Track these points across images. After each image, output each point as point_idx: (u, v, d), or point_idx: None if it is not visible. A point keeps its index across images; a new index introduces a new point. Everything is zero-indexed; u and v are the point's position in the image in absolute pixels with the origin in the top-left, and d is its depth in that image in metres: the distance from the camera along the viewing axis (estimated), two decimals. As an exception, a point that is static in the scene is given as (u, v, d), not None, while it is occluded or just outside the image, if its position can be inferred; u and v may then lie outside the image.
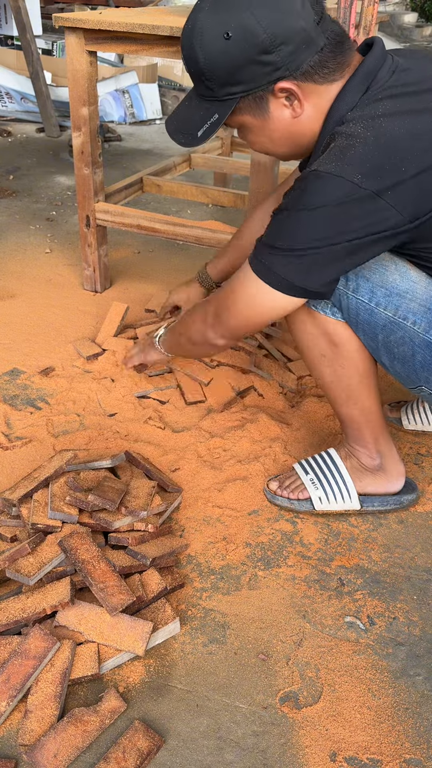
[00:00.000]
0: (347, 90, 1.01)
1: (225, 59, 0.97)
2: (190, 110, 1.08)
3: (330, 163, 0.96)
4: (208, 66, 0.99)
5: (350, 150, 0.95)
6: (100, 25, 1.63)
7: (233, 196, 2.30)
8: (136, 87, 4.44)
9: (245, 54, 0.96)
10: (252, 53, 0.96)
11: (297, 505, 1.32)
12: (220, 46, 0.96)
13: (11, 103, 4.26)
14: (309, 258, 1.00)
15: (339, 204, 0.95)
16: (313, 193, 0.97)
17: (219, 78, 1.00)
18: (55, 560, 1.08)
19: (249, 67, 0.97)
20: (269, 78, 0.99)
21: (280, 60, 0.97)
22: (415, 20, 9.49)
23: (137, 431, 1.52)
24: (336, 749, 0.94)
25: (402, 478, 1.33)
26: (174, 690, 1.01)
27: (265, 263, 1.04)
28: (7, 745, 0.92)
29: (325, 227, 0.97)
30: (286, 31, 0.95)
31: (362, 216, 0.95)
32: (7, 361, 1.77)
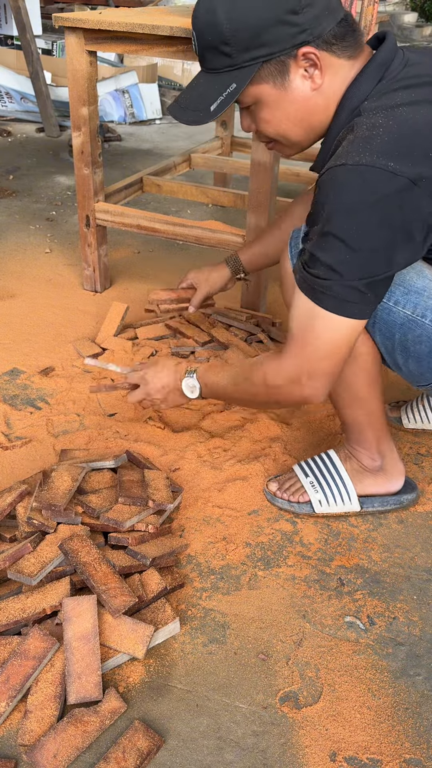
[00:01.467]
0: (361, 78, 0.99)
1: (251, 17, 0.93)
2: (199, 88, 1.03)
3: (357, 154, 0.91)
4: (233, 27, 0.94)
5: (374, 140, 0.91)
6: (100, 25, 1.63)
7: (233, 196, 2.30)
8: (136, 87, 4.44)
9: (274, 12, 0.92)
10: (280, 12, 0.93)
11: (297, 507, 1.32)
12: (247, 5, 0.93)
13: (11, 102, 4.26)
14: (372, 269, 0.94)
15: (380, 198, 0.90)
16: (350, 190, 0.91)
17: (242, 41, 0.95)
18: (56, 560, 1.08)
19: (276, 27, 0.93)
20: (294, 41, 0.95)
21: (306, 22, 0.94)
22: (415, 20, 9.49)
23: (137, 431, 1.52)
24: (336, 749, 0.94)
25: (402, 477, 1.33)
26: (174, 690, 1.01)
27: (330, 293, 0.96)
28: (7, 745, 0.92)
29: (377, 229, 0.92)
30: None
31: (404, 205, 0.91)
32: (7, 361, 1.77)
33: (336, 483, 1.30)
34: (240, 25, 0.94)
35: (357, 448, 1.29)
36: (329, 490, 1.30)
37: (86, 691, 0.94)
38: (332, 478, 1.30)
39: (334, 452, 1.33)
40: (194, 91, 1.03)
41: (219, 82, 1.00)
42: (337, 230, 0.93)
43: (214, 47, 0.98)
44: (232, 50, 0.97)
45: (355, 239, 0.93)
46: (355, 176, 0.90)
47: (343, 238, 0.93)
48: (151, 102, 4.52)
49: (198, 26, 0.98)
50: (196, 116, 1.02)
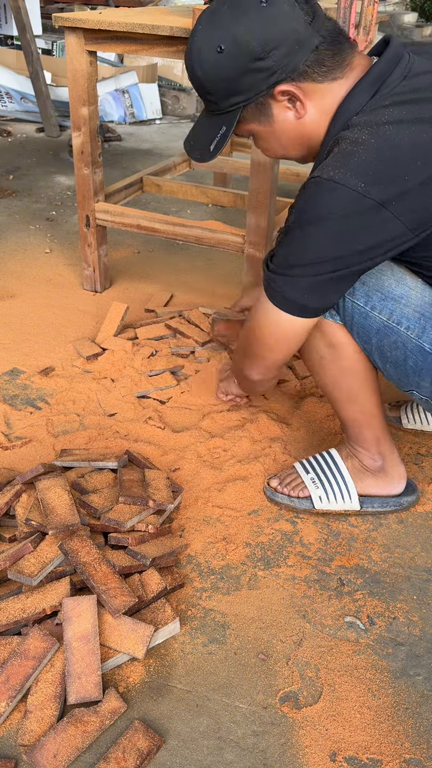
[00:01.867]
0: (355, 92, 1.00)
1: (221, 72, 1.01)
2: (201, 127, 1.12)
3: (333, 169, 0.95)
4: (208, 81, 1.03)
5: (353, 156, 0.94)
6: (100, 25, 1.63)
7: (233, 196, 2.30)
8: (135, 87, 4.44)
9: (239, 64, 0.99)
10: (245, 62, 0.98)
11: (297, 503, 1.32)
12: (215, 61, 1.00)
13: (11, 102, 4.26)
14: (319, 277, 1.00)
15: (344, 215, 0.94)
16: (317, 204, 0.96)
17: (220, 91, 1.03)
18: (56, 560, 1.08)
19: (245, 75, 1.00)
20: (267, 83, 1.00)
21: (275, 64, 0.98)
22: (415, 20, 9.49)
23: (137, 431, 1.52)
24: (336, 749, 0.94)
25: (403, 480, 1.33)
26: (174, 690, 1.01)
27: (279, 290, 1.04)
28: (6, 745, 0.92)
29: (332, 241, 0.97)
30: (276, 35, 0.96)
31: (368, 228, 0.95)
32: (7, 361, 1.77)
33: (337, 480, 1.30)
34: (214, 78, 1.02)
35: (357, 447, 1.29)
36: (330, 487, 1.30)
37: (86, 691, 0.94)
38: (333, 476, 1.31)
39: (336, 451, 1.33)
40: (197, 130, 1.13)
41: (213, 125, 1.09)
42: (298, 234, 0.99)
43: (202, 95, 1.07)
44: (215, 98, 1.05)
45: (311, 245, 0.98)
46: (325, 190, 0.95)
47: (301, 242, 0.99)
48: (151, 102, 4.52)
49: (189, 77, 1.07)
50: (202, 154, 1.12)
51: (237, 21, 0.97)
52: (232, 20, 0.97)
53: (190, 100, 4.69)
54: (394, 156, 0.93)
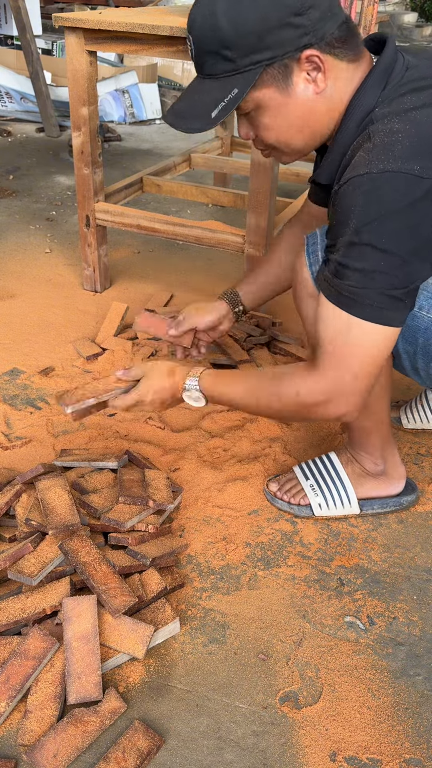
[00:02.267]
0: (367, 85, 0.98)
1: (255, 20, 0.90)
2: (197, 94, 0.98)
3: (380, 162, 0.90)
4: (235, 31, 0.91)
5: (396, 145, 0.90)
6: (100, 25, 1.63)
7: (233, 196, 2.30)
8: (136, 87, 4.44)
9: (277, 14, 0.90)
10: (284, 14, 0.90)
11: (297, 510, 1.32)
12: (250, 6, 0.89)
13: (11, 102, 4.26)
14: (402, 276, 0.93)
15: (411, 202, 0.88)
16: (379, 199, 0.89)
17: (245, 45, 0.92)
18: (56, 560, 1.08)
19: (280, 30, 0.90)
20: (298, 43, 0.92)
21: (310, 24, 0.92)
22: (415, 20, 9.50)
23: (137, 431, 1.52)
24: (336, 749, 0.94)
25: (402, 480, 1.33)
26: (174, 690, 1.01)
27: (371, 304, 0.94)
28: (6, 745, 0.92)
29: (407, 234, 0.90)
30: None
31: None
32: (7, 361, 1.77)
33: (336, 486, 1.30)
34: (242, 28, 0.90)
35: (361, 453, 1.29)
36: (329, 494, 1.30)
37: (86, 691, 0.94)
38: (332, 482, 1.30)
39: (335, 455, 1.33)
40: (192, 98, 0.99)
41: (219, 88, 0.96)
42: (369, 239, 0.91)
43: (215, 52, 0.94)
44: (234, 54, 0.93)
45: (390, 246, 0.90)
46: (383, 183, 0.89)
47: (377, 245, 0.91)
48: (151, 102, 4.52)
49: (196, 31, 0.94)
50: (196, 123, 0.98)
51: None
52: None
53: (190, 100, 4.68)
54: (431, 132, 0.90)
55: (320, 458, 1.34)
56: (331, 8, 0.94)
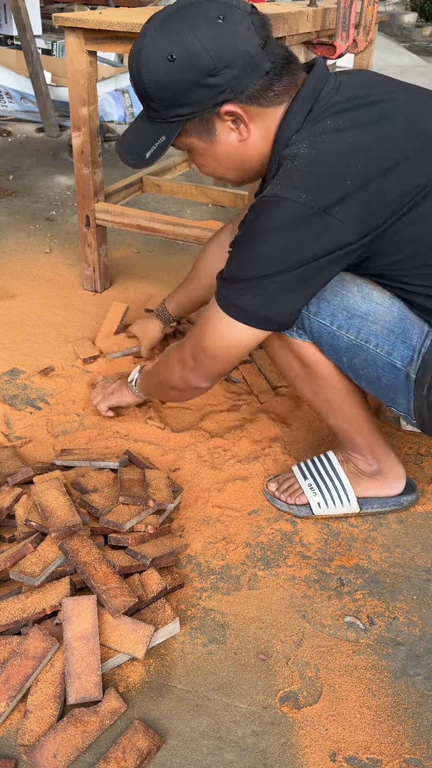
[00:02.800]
0: (291, 112, 1.01)
1: (169, 82, 0.97)
2: (138, 132, 1.07)
3: (277, 187, 0.96)
4: (154, 89, 0.99)
5: (295, 171, 0.96)
6: (100, 25, 1.63)
7: (233, 196, 2.30)
8: (136, 87, 4.44)
9: (189, 76, 0.96)
10: (196, 76, 0.96)
11: (296, 510, 1.32)
12: (165, 69, 0.96)
13: (11, 102, 4.26)
14: (269, 287, 1.00)
15: (289, 226, 0.96)
16: (263, 219, 0.98)
17: (165, 100, 1.00)
18: (58, 560, 1.08)
19: (194, 89, 0.97)
20: (214, 101, 0.99)
21: (225, 83, 0.97)
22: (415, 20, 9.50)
23: (137, 431, 1.52)
24: (336, 749, 0.94)
25: (402, 480, 1.32)
26: (174, 690, 1.01)
27: (229, 298, 1.04)
28: (6, 745, 0.92)
29: (280, 252, 0.97)
30: (230, 54, 0.95)
31: (314, 236, 0.96)
32: (7, 361, 1.77)
33: (335, 485, 1.30)
34: (161, 87, 0.98)
35: (351, 453, 1.29)
36: (328, 493, 1.30)
37: (86, 691, 0.94)
38: (331, 480, 1.30)
39: (333, 453, 1.33)
40: (134, 134, 1.09)
41: (152, 132, 1.05)
42: (247, 247, 1.00)
43: (144, 100, 1.03)
44: (158, 106, 1.01)
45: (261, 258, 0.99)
46: (271, 206, 0.97)
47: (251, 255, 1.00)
48: (151, 102, 4.51)
49: (131, 79, 1.03)
50: (135, 160, 1.08)
51: (193, 32, 0.94)
52: (188, 30, 0.94)
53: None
54: (333, 163, 0.94)
55: (318, 457, 1.34)
56: (250, 63, 0.97)
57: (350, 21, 1.67)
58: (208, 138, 1.04)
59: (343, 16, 1.66)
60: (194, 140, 1.05)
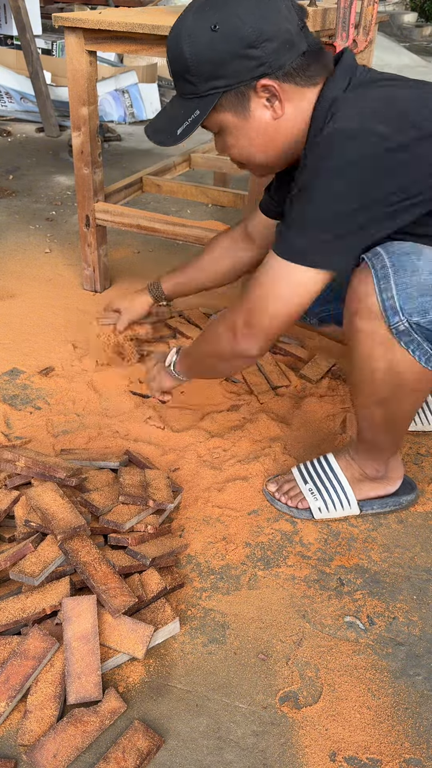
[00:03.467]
0: (331, 81, 1.02)
1: (211, 51, 0.98)
2: (170, 111, 1.08)
3: (345, 121, 0.95)
4: (194, 60, 0.99)
5: (364, 109, 0.95)
6: (100, 25, 1.63)
7: (233, 196, 2.30)
8: (135, 87, 4.44)
9: (231, 46, 0.97)
10: (237, 46, 0.97)
11: (297, 513, 1.32)
12: (207, 39, 0.97)
13: (11, 102, 4.26)
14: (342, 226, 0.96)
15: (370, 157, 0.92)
16: (338, 154, 0.94)
17: (203, 72, 1.00)
18: (57, 560, 1.08)
19: (234, 60, 0.98)
20: (252, 74, 0.99)
21: (264, 56, 0.98)
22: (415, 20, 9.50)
23: (137, 431, 1.52)
24: (336, 749, 0.94)
25: (400, 479, 1.33)
26: (174, 690, 1.01)
27: (296, 246, 1.00)
28: (6, 745, 0.92)
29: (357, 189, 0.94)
30: (271, 28, 0.97)
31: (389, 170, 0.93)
32: (7, 361, 1.77)
33: (336, 490, 1.29)
34: (201, 57, 0.99)
35: (367, 461, 1.27)
36: (329, 498, 1.29)
37: (86, 691, 0.94)
38: (332, 485, 1.30)
39: (334, 458, 1.32)
40: (166, 114, 1.08)
41: (186, 108, 1.05)
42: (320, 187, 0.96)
43: (181, 75, 1.03)
44: (194, 79, 1.01)
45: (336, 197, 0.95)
46: (344, 139, 0.94)
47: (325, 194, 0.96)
48: (151, 102, 4.52)
49: (168, 54, 1.04)
50: (165, 137, 1.07)
51: (235, 7, 0.97)
52: (230, 5, 0.97)
53: (190, 100, 4.68)
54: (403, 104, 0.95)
55: (318, 461, 1.33)
56: (290, 40, 0.99)
57: (350, 21, 1.67)
58: (242, 113, 1.03)
59: (343, 16, 1.66)
60: (228, 116, 1.04)
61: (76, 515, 1.13)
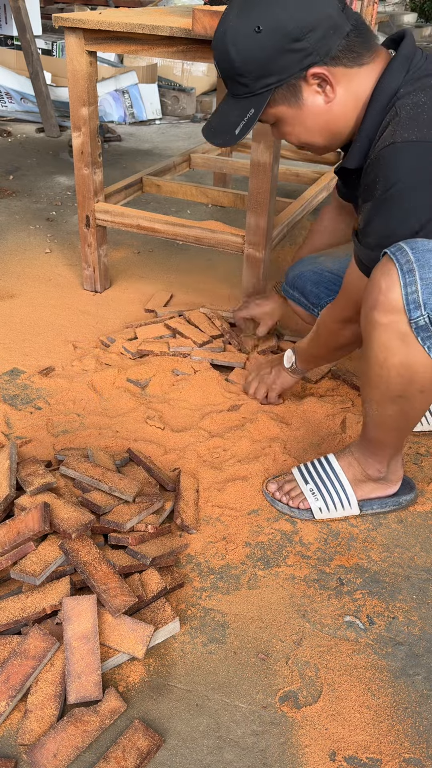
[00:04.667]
0: (389, 72, 1.04)
1: (258, 52, 1.02)
2: (225, 112, 1.12)
3: (405, 132, 0.97)
4: (243, 62, 1.03)
5: (421, 116, 0.97)
6: (100, 26, 1.64)
7: (233, 196, 2.30)
8: (135, 87, 4.44)
9: (277, 44, 1.00)
10: (283, 43, 1.00)
11: (297, 513, 1.32)
12: (252, 41, 1.01)
13: (11, 103, 4.26)
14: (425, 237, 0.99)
15: None
16: (402, 167, 0.97)
17: (253, 72, 1.04)
18: (59, 559, 1.08)
19: (281, 56, 1.01)
20: (301, 65, 1.02)
21: (311, 46, 1.01)
22: (415, 20, 9.50)
23: (137, 431, 1.52)
24: (335, 748, 0.94)
25: (399, 480, 1.32)
26: (174, 689, 1.01)
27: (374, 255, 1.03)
28: (6, 744, 0.92)
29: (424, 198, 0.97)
30: (313, 18, 0.99)
31: None
32: (7, 361, 1.77)
33: (336, 490, 1.29)
34: (249, 59, 1.03)
35: (369, 460, 1.26)
36: (329, 498, 1.29)
37: (86, 691, 0.94)
38: (333, 486, 1.29)
39: (335, 458, 1.32)
40: (221, 114, 1.13)
41: (240, 107, 1.09)
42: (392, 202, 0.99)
43: (231, 77, 1.07)
44: (246, 80, 1.05)
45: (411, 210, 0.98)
46: (408, 151, 0.97)
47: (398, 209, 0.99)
48: (151, 102, 4.52)
49: (216, 59, 1.08)
50: (225, 139, 1.12)
51: (276, 3, 0.99)
52: (270, 2, 0.99)
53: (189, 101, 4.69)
54: None
55: (319, 461, 1.33)
56: (333, 24, 1.01)
57: (350, 21, 1.66)
58: (296, 103, 1.07)
59: (342, 16, 1.66)
60: (283, 108, 1.08)
61: (82, 513, 1.13)
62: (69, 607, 1.01)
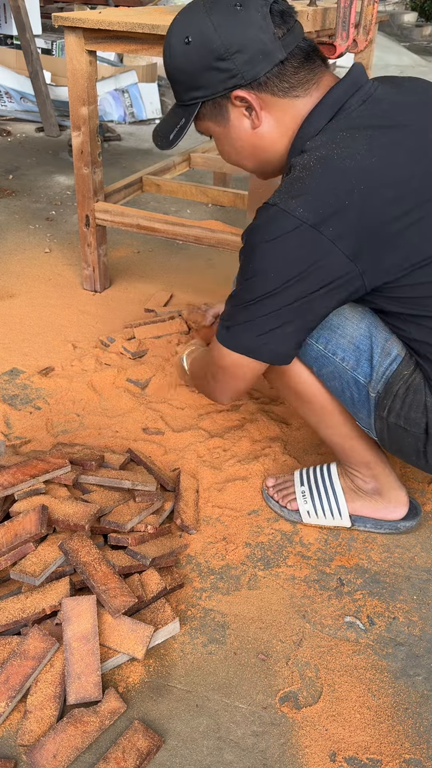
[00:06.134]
0: (313, 116, 1.01)
1: (185, 64, 1.02)
2: (167, 117, 1.13)
3: (278, 195, 0.96)
4: (174, 71, 1.04)
5: (298, 183, 0.95)
6: (100, 25, 1.63)
7: (233, 196, 2.30)
8: (135, 86, 4.44)
9: (202, 59, 1.00)
10: (208, 59, 0.99)
11: (287, 513, 1.31)
12: (182, 52, 1.01)
13: (11, 102, 4.26)
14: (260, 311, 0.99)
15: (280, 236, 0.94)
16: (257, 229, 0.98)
17: (183, 83, 1.04)
18: (58, 559, 1.08)
19: (206, 72, 1.01)
20: (225, 85, 1.01)
21: (236, 68, 0.98)
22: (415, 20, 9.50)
23: (137, 431, 1.52)
24: (336, 749, 0.94)
25: (403, 507, 1.28)
26: (173, 690, 1.01)
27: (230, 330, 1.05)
28: (6, 745, 0.92)
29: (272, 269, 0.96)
30: (240, 39, 0.97)
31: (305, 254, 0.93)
32: (6, 361, 1.77)
33: (328, 497, 1.28)
34: (178, 69, 1.03)
35: (348, 468, 1.26)
36: (319, 503, 1.28)
37: (86, 692, 0.94)
38: (325, 492, 1.28)
39: (335, 467, 1.30)
40: (165, 118, 1.14)
41: (176, 115, 1.10)
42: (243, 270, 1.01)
43: (170, 84, 1.08)
44: (177, 89, 1.07)
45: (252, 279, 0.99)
46: (265, 217, 0.97)
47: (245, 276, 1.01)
48: (151, 102, 4.51)
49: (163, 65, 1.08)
50: (162, 142, 1.13)
51: (208, 17, 0.98)
52: (204, 15, 0.99)
53: (189, 100, 4.68)
54: (336, 183, 0.93)
55: (321, 467, 1.32)
56: (263, 50, 0.98)
57: (350, 20, 1.66)
58: (222, 122, 1.06)
59: (343, 15, 1.66)
60: (210, 124, 1.08)
61: (84, 505, 1.14)
62: (69, 608, 1.01)
